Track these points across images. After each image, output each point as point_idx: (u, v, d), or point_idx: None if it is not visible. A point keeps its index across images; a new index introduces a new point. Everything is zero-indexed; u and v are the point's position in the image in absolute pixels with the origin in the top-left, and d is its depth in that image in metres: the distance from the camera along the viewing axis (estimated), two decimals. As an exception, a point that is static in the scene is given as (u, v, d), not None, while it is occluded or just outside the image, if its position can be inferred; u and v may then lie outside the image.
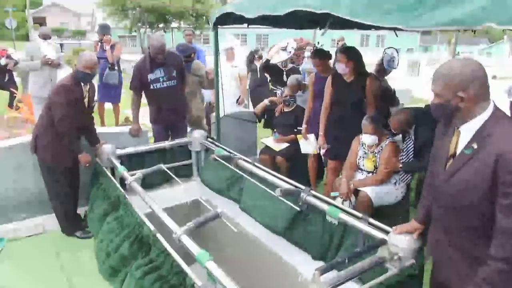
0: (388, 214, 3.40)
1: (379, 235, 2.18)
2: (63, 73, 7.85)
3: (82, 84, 3.49)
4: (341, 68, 3.71)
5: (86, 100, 3.58)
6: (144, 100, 4.41)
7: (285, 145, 4.49)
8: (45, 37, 6.00)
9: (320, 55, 4.30)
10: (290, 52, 5.40)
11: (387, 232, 2.14)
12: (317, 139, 4.11)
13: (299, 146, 4.39)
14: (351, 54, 3.74)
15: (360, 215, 2.38)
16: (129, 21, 30.92)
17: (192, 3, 29.41)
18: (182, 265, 2.07)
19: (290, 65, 5.39)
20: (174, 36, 32.94)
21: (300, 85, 4.79)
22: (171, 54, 4.36)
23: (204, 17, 29.06)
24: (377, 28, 3.33)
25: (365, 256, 2.01)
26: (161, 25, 32.13)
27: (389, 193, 3.44)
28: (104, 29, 6.55)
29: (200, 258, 1.96)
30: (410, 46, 41.13)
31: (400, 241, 2.00)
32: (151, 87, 4.20)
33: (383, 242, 2.07)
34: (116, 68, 6.46)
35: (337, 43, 10.46)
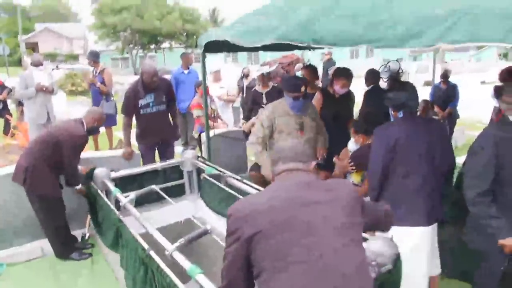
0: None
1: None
2: (57, 99, 8.06)
3: None
4: (339, 89, 3.97)
5: None
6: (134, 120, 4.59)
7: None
8: (37, 64, 6.18)
9: (312, 71, 4.53)
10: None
11: (365, 239, 2.29)
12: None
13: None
14: (349, 76, 4.06)
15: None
16: (121, 43, 31.29)
17: (182, 23, 29.87)
18: (175, 281, 2.19)
19: (271, 84, 5.53)
20: (165, 56, 33.35)
21: None
22: (162, 79, 4.55)
23: (195, 36, 29.50)
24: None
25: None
26: (152, 46, 32.55)
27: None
28: (93, 56, 6.72)
29: (191, 272, 2.09)
30: (400, 56, 41.80)
31: (375, 247, 2.14)
32: (141, 112, 4.38)
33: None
34: (112, 98, 6.65)
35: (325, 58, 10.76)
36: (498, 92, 2.67)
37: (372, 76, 4.90)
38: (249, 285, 1.56)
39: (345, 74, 4.10)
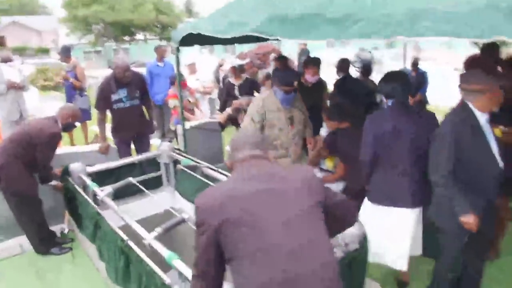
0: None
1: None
2: (29, 95, 7.91)
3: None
4: (310, 78, 4.08)
5: None
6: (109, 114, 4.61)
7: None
8: (6, 60, 6.06)
9: (282, 62, 4.63)
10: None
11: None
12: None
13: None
14: (317, 63, 4.11)
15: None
16: (93, 36, 30.64)
17: (156, 15, 29.44)
18: (154, 269, 2.27)
19: (244, 76, 5.63)
20: (140, 48, 32.81)
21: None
22: (135, 74, 4.57)
23: (170, 28, 29.13)
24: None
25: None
26: (126, 38, 31.98)
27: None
28: (65, 52, 6.65)
29: (168, 259, 2.18)
30: (375, 44, 42.25)
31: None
32: (114, 106, 4.41)
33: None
34: (85, 93, 6.61)
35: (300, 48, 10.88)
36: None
37: (343, 65, 5.04)
38: (220, 273, 1.61)
39: (314, 63, 4.23)
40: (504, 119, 3.03)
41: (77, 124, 6.72)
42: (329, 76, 5.32)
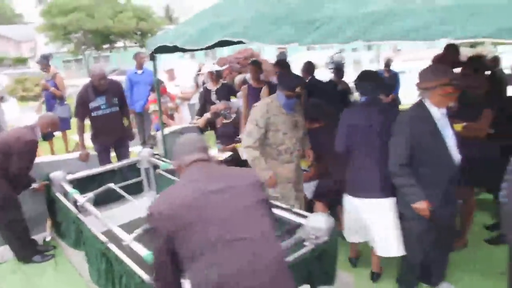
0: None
1: (301, 220, 2.60)
2: (8, 105, 7.89)
3: None
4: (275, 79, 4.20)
5: None
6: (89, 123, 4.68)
7: (228, 154, 4.87)
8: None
9: (255, 67, 4.77)
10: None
11: (305, 217, 2.57)
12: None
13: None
14: (285, 66, 4.23)
15: (285, 206, 2.81)
16: (73, 44, 30.35)
17: (136, 22, 29.33)
18: (135, 269, 2.35)
19: (221, 82, 5.78)
20: (120, 56, 32.66)
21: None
22: (113, 82, 4.67)
23: (150, 35, 29.03)
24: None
25: (287, 238, 2.43)
26: (106, 46, 31.76)
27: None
28: (44, 60, 6.67)
29: (146, 258, 2.28)
30: (355, 45, 42.74)
31: (314, 223, 2.43)
32: (93, 114, 4.50)
33: (299, 226, 2.49)
34: (66, 102, 6.64)
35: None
36: None
37: (309, 67, 5.20)
38: (177, 275, 1.71)
39: (279, 64, 4.36)
40: (465, 114, 3.24)
41: (57, 133, 6.84)
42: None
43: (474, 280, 3.17)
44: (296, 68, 5.37)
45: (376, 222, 3.03)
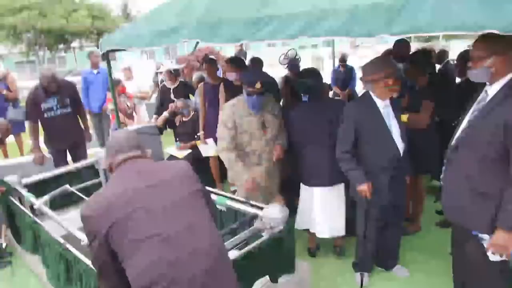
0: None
1: (257, 212, 2.68)
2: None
3: None
4: (232, 76, 4.25)
5: None
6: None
7: (188, 151, 4.90)
8: None
9: (210, 64, 4.80)
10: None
11: (261, 208, 2.66)
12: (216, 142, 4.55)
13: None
14: (238, 63, 4.29)
15: (241, 199, 2.90)
16: (24, 45, 29.11)
17: (92, 21, 28.51)
18: (94, 269, 2.36)
19: (179, 80, 5.80)
20: (76, 56, 31.66)
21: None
22: (65, 82, 4.58)
23: (107, 33, 28.24)
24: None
25: (242, 230, 2.51)
26: (61, 46, 30.70)
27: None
28: None
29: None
30: (315, 42, 43.45)
31: (270, 214, 2.52)
32: (45, 115, 4.40)
33: (255, 217, 2.58)
34: (19, 104, 6.41)
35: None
36: None
37: (255, 64, 5.27)
38: (118, 273, 1.67)
39: (231, 61, 4.45)
40: (412, 106, 3.44)
41: (11, 137, 6.60)
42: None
43: (426, 261, 3.38)
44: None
45: (321, 207, 3.27)
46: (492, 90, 2.07)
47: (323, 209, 3.27)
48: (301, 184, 3.41)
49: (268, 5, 2.51)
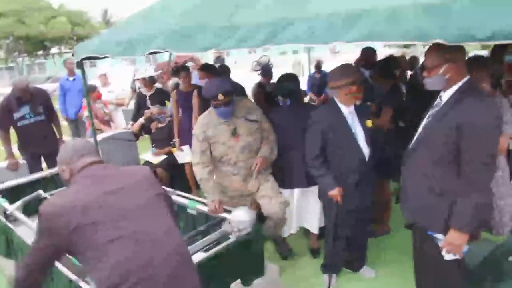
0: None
1: (225, 215, 2.76)
2: None
3: None
4: (200, 82, 4.30)
5: None
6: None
7: (163, 157, 4.94)
8: None
9: (184, 71, 4.86)
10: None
11: (229, 212, 2.74)
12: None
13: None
14: (209, 70, 4.36)
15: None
16: (3, 51, 28.67)
17: (71, 27, 28.25)
18: (62, 269, 2.37)
19: (155, 87, 5.87)
20: (56, 62, 31.24)
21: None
22: (38, 90, 4.62)
23: (81, 42, 27.91)
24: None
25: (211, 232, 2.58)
26: (40, 53, 30.31)
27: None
28: None
29: (75, 260, 2.33)
30: (296, 48, 43.81)
31: (237, 217, 2.60)
32: (18, 124, 4.46)
33: (223, 220, 2.66)
34: None
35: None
36: None
37: (225, 70, 5.33)
38: (48, 270, 1.72)
39: (203, 68, 4.51)
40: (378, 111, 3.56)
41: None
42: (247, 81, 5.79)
43: (393, 261, 3.45)
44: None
45: (298, 204, 3.39)
46: (445, 95, 2.19)
47: (299, 206, 3.38)
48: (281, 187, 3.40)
49: (237, 15, 2.60)
